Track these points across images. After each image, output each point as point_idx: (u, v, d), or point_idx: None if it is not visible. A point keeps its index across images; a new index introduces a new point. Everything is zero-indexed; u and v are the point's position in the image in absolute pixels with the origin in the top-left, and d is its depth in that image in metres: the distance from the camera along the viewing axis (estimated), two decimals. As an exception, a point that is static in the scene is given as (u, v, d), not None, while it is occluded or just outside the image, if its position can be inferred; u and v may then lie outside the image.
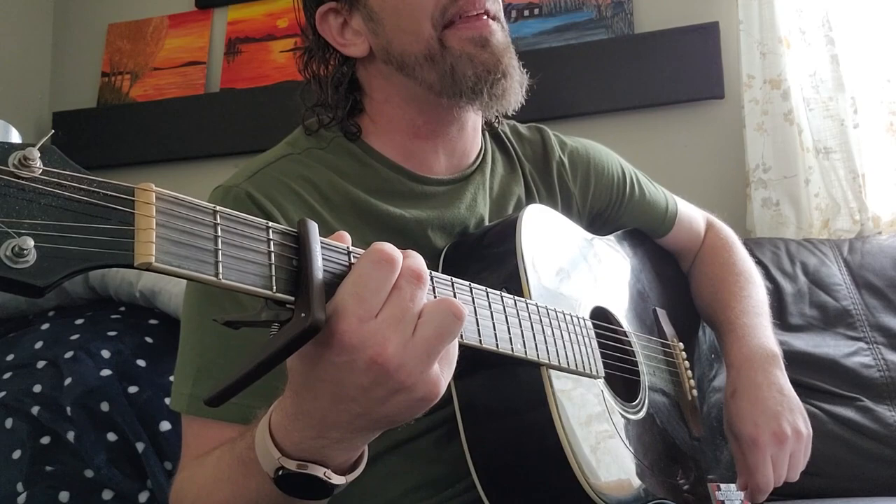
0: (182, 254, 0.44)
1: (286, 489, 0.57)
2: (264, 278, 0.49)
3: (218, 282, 0.46)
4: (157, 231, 0.43)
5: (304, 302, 0.49)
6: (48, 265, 0.40)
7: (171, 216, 0.45)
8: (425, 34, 0.86)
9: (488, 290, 0.68)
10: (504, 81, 0.88)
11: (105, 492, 1.24)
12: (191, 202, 0.46)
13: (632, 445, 0.85)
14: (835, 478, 1.36)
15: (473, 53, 0.86)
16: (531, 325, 0.74)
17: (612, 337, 0.93)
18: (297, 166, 0.89)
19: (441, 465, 0.84)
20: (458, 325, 0.54)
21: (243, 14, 2.30)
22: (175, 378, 0.83)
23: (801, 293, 1.54)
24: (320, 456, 0.56)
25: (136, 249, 0.43)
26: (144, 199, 0.44)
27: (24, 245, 0.39)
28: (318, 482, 0.57)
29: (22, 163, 0.40)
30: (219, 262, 0.46)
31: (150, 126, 2.27)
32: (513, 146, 1.05)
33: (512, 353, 0.69)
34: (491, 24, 0.88)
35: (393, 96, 0.91)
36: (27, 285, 0.40)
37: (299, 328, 0.48)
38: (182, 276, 0.45)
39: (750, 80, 1.80)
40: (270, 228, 0.50)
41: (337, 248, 0.54)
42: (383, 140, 0.93)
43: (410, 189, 0.92)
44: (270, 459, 0.57)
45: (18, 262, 0.39)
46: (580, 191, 1.07)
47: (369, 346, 0.51)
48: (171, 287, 1.41)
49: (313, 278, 0.49)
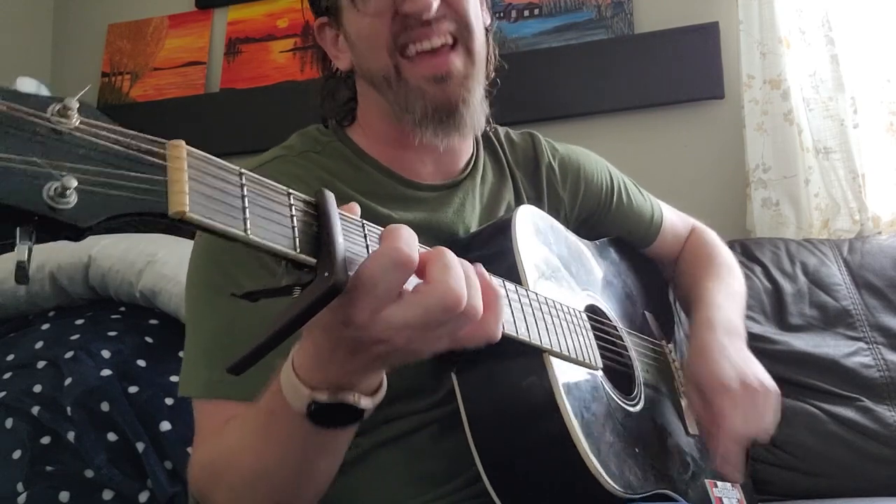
0: (213, 207, 0.45)
1: (320, 421, 0.61)
2: (288, 239, 0.50)
3: (247, 237, 0.47)
4: (189, 184, 0.44)
5: (326, 263, 0.50)
6: (88, 207, 0.41)
7: (202, 172, 0.46)
8: (382, 61, 0.88)
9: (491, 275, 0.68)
10: (453, 118, 0.88)
11: (105, 492, 1.24)
12: (218, 162, 0.47)
13: (632, 436, 0.86)
14: (835, 478, 1.36)
15: (426, 90, 0.87)
16: (532, 312, 0.75)
17: (606, 332, 0.94)
18: (291, 167, 0.91)
19: (440, 459, 0.84)
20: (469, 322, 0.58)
21: (243, 14, 2.30)
22: (184, 365, 0.84)
23: (801, 293, 1.54)
24: (346, 384, 0.60)
25: (170, 199, 0.44)
26: (176, 154, 0.45)
27: (67, 185, 0.40)
28: (348, 408, 0.60)
29: (61, 113, 0.41)
30: (246, 218, 0.47)
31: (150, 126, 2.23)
32: (504, 152, 1.06)
33: (516, 335, 0.71)
34: (450, 57, 0.87)
35: (372, 109, 0.95)
36: (68, 226, 0.41)
37: (323, 287, 0.50)
38: (213, 229, 0.45)
39: (750, 80, 1.81)
40: (291, 195, 0.51)
41: (352, 220, 0.56)
42: (373, 146, 0.96)
43: (401, 193, 0.94)
44: (301, 396, 0.59)
45: (61, 203, 0.40)
46: (569, 196, 1.09)
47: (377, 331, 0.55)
48: (171, 287, 1.41)
49: (335, 241, 0.51)
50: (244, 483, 0.71)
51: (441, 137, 0.90)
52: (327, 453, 0.68)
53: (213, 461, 0.75)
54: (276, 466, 0.68)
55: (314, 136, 0.97)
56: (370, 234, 0.56)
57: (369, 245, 0.56)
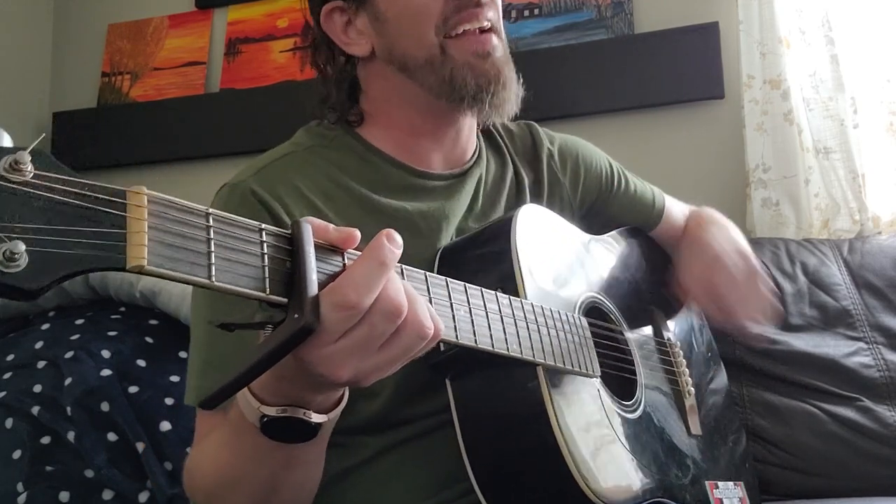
0: (175, 256, 0.44)
1: (272, 434, 0.61)
2: (258, 280, 0.49)
3: (211, 284, 0.46)
4: (148, 234, 0.43)
5: (297, 304, 0.49)
6: (40, 269, 0.40)
7: (164, 219, 0.44)
8: (428, 40, 0.88)
9: (483, 290, 0.68)
10: (503, 92, 0.90)
11: (105, 492, 1.24)
12: (183, 205, 0.46)
13: (629, 444, 0.85)
14: (835, 478, 1.36)
15: (474, 63, 0.89)
16: (526, 325, 0.74)
17: (608, 336, 0.93)
18: (300, 163, 0.91)
19: (440, 466, 0.84)
20: (423, 344, 0.56)
21: (243, 14, 2.30)
22: (188, 372, 0.85)
23: (801, 293, 1.54)
24: (297, 399, 0.60)
25: (128, 252, 0.43)
26: (136, 202, 0.44)
27: (14, 249, 0.39)
28: (299, 423, 0.60)
29: (13, 167, 0.40)
30: (212, 264, 0.46)
31: (150, 126, 2.27)
32: (504, 142, 1.08)
33: (507, 352, 0.70)
34: (493, 39, 0.90)
35: (393, 96, 0.94)
36: (19, 289, 0.39)
37: (291, 329, 0.49)
38: (174, 279, 0.45)
39: (750, 80, 1.80)
40: (264, 230, 0.50)
41: (331, 250, 0.54)
42: (383, 137, 0.95)
43: (411, 183, 0.94)
44: (252, 411, 0.60)
45: (10, 267, 0.39)
46: (570, 182, 1.10)
47: (322, 366, 0.53)
48: (171, 287, 1.41)
49: (307, 280, 0.50)
50: (217, 491, 0.73)
51: (492, 114, 0.92)
52: (295, 466, 0.68)
53: (196, 467, 0.78)
54: (245, 477, 0.69)
55: (319, 131, 0.97)
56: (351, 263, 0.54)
57: None
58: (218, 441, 0.73)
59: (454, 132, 0.96)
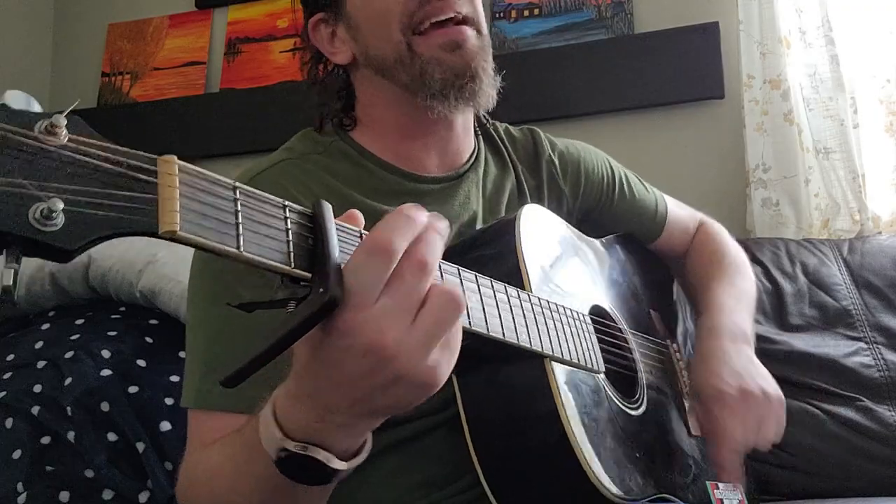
0: (205, 224, 0.45)
1: (287, 471, 0.58)
2: (283, 254, 0.49)
3: (239, 254, 0.46)
4: (180, 201, 0.43)
5: (321, 278, 0.50)
6: (76, 229, 0.40)
7: (194, 188, 0.45)
8: (394, 39, 0.88)
9: (493, 280, 0.68)
10: (472, 84, 0.89)
11: (105, 492, 1.23)
12: (212, 176, 0.46)
13: (633, 440, 0.85)
14: (835, 478, 1.36)
15: (442, 58, 0.88)
16: (534, 317, 0.74)
17: (610, 334, 0.94)
18: (294, 170, 0.91)
19: (444, 462, 0.84)
20: (456, 315, 0.53)
21: (243, 14, 2.30)
22: (185, 374, 0.84)
23: (801, 293, 1.54)
24: (322, 439, 0.56)
25: (160, 218, 0.43)
26: (167, 171, 0.44)
27: (53, 207, 0.39)
28: (318, 465, 0.56)
29: (49, 130, 0.40)
30: (240, 234, 0.46)
31: (150, 126, 2.27)
32: (505, 147, 1.07)
33: (517, 342, 0.70)
34: (464, 29, 0.89)
35: (378, 99, 0.95)
36: (56, 248, 0.40)
37: (318, 303, 0.49)
38: (204, 247, 0.45)
39: (750, 80, 1.80)
40: (287, 207, 0.50)
41: (350, 230, 0.54)
42: (376, 142, 0.95)
43: (406, 188, 0.94)
44: (273, 440, 0.57)
45: (47, 225, 0.39)
46: (571, 189, 1.09)
47: (367, 332, 0.50)
48: (171, 287, 1.41)
49: (330, 255, 0.50)
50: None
51: (461, 107, 0.90)
52: (300, 499, 0.66)
53: (196, 476, 0.76)
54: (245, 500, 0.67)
55: (314, 137, 0.97)
56: None
57: None
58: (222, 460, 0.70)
59: (445, 131, 0.96)
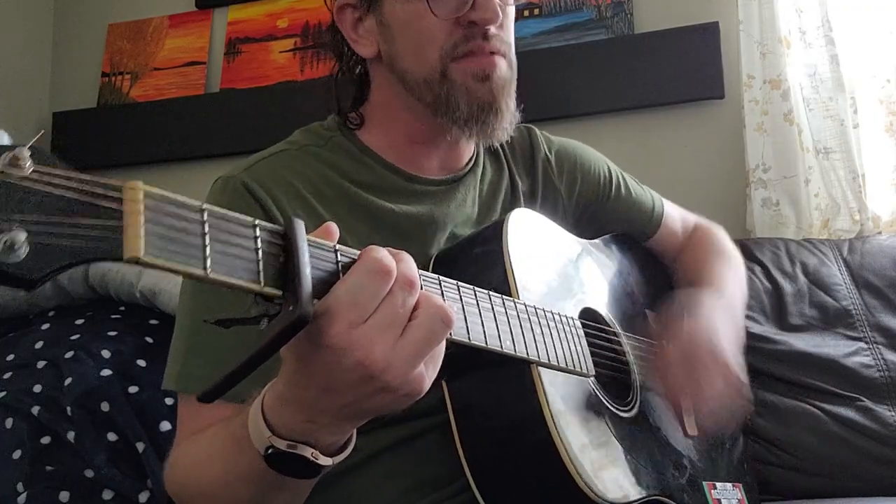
0: (170, 248, 0.45)
1: (275, 467, 0.60)
2: (252, 273, 0.50)
3: (206, 276, 0.47)
4: (145, 227, 0.44)
5: (292, 296, 0.50)
6: (39, 259, 0.41)
7: (159, 212, 0.45)
8: (430, 62, 0.88)
9: (476, 288, 0.69)
10: (494, 120, 0.90)
11: (105, 492, 1.24)
12: (178, 199, 0.47)
13: (624, 443, 0.85)
14: (835, 478, 1.36)
15: (472, 87, 0.88)
16: (519, 323, 0.74)
17: (602, 337, 0.93)
18: (293, 161, 0.92)
19: (439, 464, 0.84)
20: (446, 330, 0.56)
21: (243, 14, 2.30)
22: (169, 359, 0.86)
23: (801, 293, 1.54)
24: (309, 437, 0.59)
25: (125, 244, 0.44)
26: (132, 197, 0.45)
27: (16, 238, 0.40)
28: (305, 462, 0.59)
29: (12, 162, 0.41)
30: (207, 256, 0.47)
31: (150, 126, 2.27)
32: (501, 148, 1.07)
33: (501, 349, 0.70)
34: (496, 59, 0.90)
35: (393, 101, 0.94)
36: (19, 279, 0.41)
37: (287, 321, 0.50)
38: (170, 270, 0.46)
39: (750, 80, 1.80)
40: (257, 226, 0.51)
41: (323, 246, 0.55)
42: (380, 139, 0.96)
43: (404, 187, 0.94)
44: (261, 438, 0.60)
45: (11, 257, 0.40)
46: (566, 188, 1.09)
47: (357, 348, 0.53)
48: (171, 287, 1.41)
49: (301, 273, 0.51)
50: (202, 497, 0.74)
51: (476, 139, 0.92)
52: (285, 492, 0.68)
53: (183, 466, 0.78)
54: (232, 492, 0.69)
55: (317, 130, 0.98)
56: (344, 259, 0.55)
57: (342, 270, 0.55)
58: (211, 450, 0.72)
59: (451, 140, 0.96)
